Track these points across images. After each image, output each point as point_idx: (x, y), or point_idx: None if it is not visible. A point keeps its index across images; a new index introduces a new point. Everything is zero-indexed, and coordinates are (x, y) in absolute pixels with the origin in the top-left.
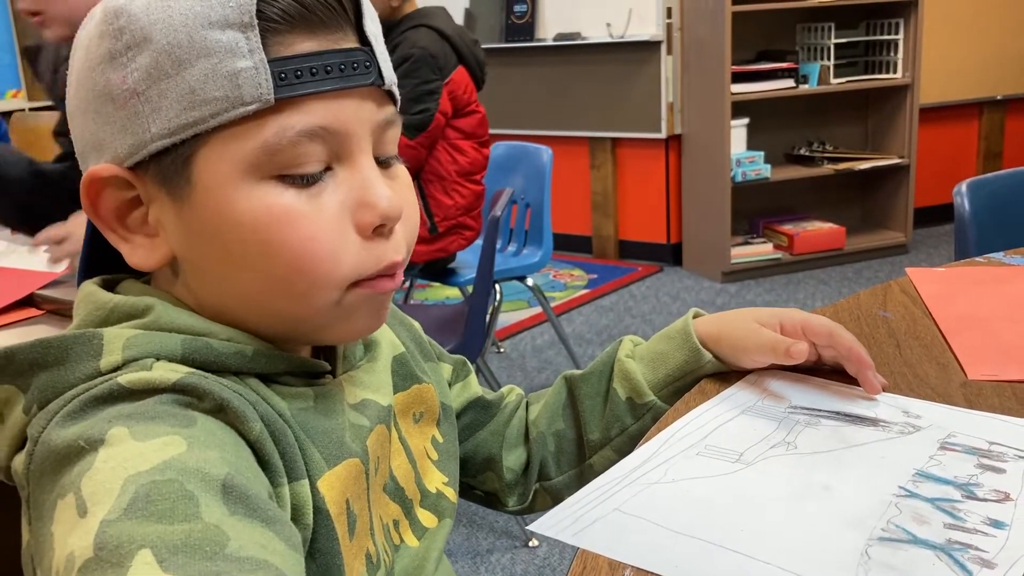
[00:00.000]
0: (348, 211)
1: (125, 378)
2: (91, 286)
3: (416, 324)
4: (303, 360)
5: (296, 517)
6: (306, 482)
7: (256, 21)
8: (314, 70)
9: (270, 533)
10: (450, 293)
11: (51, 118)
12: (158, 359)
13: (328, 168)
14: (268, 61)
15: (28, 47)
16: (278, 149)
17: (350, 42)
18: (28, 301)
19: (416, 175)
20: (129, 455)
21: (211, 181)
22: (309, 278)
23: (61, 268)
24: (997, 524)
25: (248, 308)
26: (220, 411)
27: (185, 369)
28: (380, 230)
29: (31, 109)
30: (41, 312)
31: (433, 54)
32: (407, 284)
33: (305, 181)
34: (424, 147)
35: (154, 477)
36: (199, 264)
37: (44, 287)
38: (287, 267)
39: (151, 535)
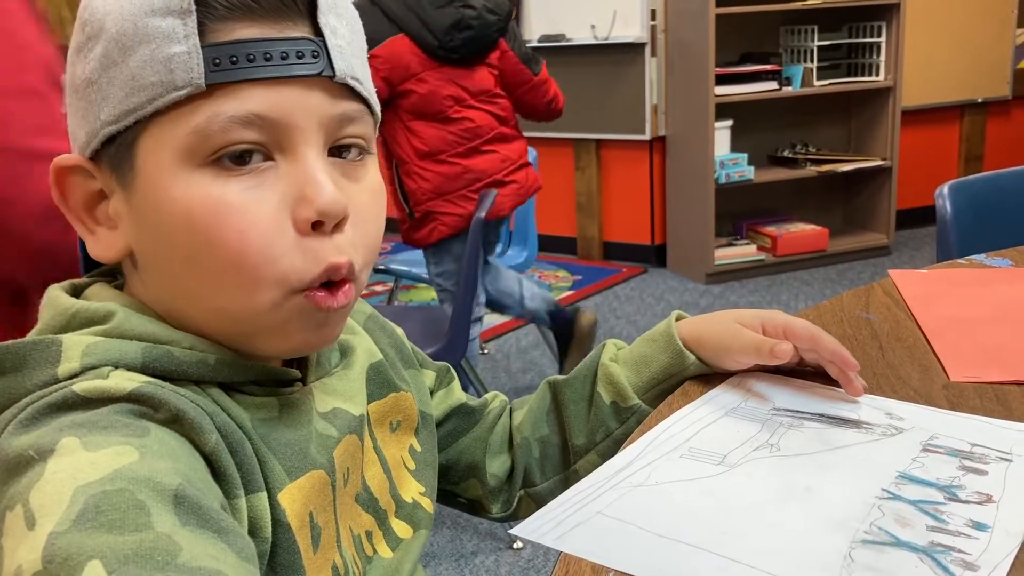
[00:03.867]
0: (287, 205)
1: (80, 386)
2: (56, 290)
3: (399, 330)
4: (269, 369)
5: (254, 530)
6: (264, 495)
7: (194, 7)
8: (251, 56)
9: (222, 545)
10: (435, 295)
11: None
12: (116, 367)
13: (270, 160)
14: (203, 46)
15: None
16: (208, 135)
17: (299, 31)
18: None
19: (391, 161)
20: (79, 465)
21: (151, 168)
22: (244, 273)
23: None
24: (980, 526)
25: (194, 305)
26: (175, 421)
27: (142, 378)
28: (320, 227)
29: None
30: None
31: None
32: (391, 285)
33: (239, 167)
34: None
35: (104, 487)
36: (147, 256)
37: None
38: (220, 260)
39: (101, 546)
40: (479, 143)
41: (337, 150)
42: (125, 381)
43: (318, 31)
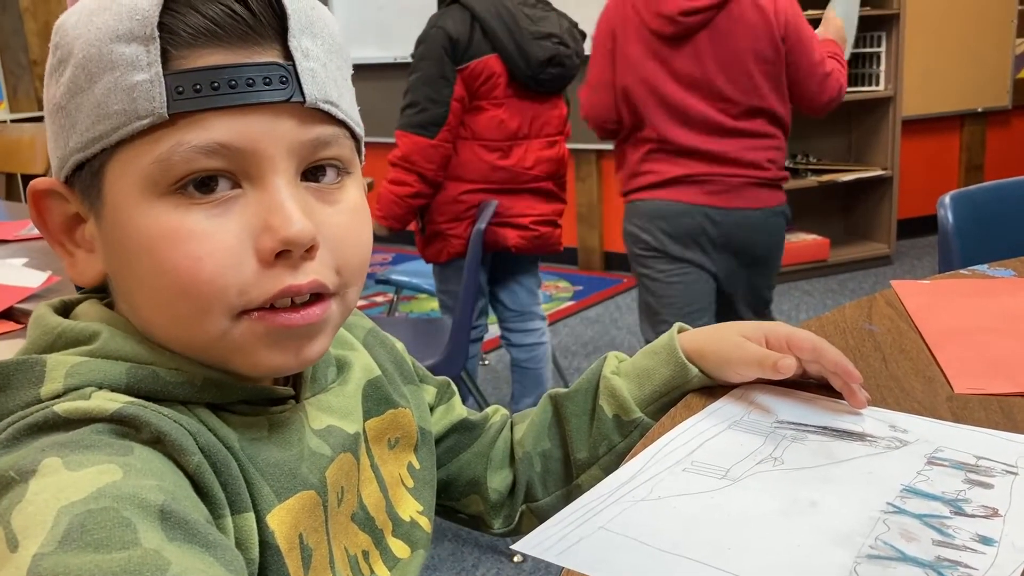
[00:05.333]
0: (250, 234)
1: (61, 407)
2: (43, 309)
3: (399, 345)
4: (258, 388)
5: (240, 551)
6: (251, 515)
7: (157, 34)
8: (215, 84)
9: (211, 558)
10: (435, 306)
11: (34, 130)
12: (100, 388)
13: (238, 187)
14: (166, 75)
15: None
16: (171, 165)
17: (269, 56)
18: (7, 315)
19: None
20: (62, 485)
21: (117, 196)
22: (192, 301)
23: (40, 281)
24: (986, 541)
25: (153, 331)
26: (157, 442)
27: (124, 398)
28: (285, 256)
29: (13, 121)
30: (20, 326)
31: (453, 36)
32: (392, 296)
33: (205, 196)
34: (449, 142)
35: (89, 506)
36: (116, 281)
37: (23, 301)
38: (172, 288)
39: (88, 565)
40: (518, 186)
41: (312, 172)
42: (107, 402)
43: (289, 55)
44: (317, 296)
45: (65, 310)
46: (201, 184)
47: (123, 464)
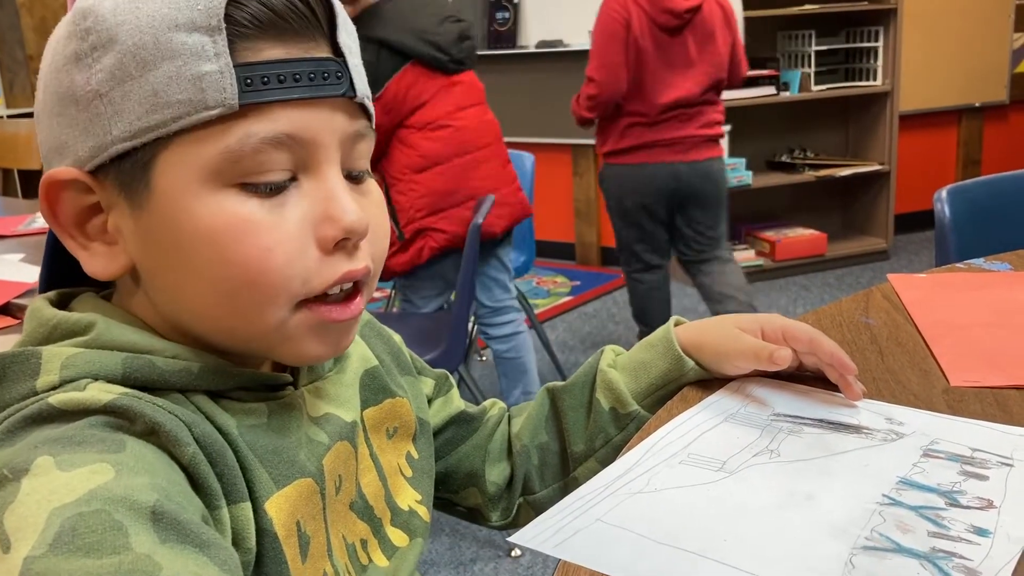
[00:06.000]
0: (310, 224)
1: (56, 398)
2: (39, 302)
3: (396, 336)
4: (258, 374)
5: (237, 541)
6: (248, 505)
7: (224, 25)
8: (282, 77)
9: (204, 558)
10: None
11: (30, 125)
12: (96, 379)
13: (293, 178)
14: (234, 66)
15: None
16: (240, 156)
17: (322, 52)
18: (4, 310)
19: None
20: (54, 486)
21: (170, 187)
22: (259, 291)
23: (37, 276)
24: (981, 532)
25: (201, 322)
26: (152, 434)
27: (119, 389)
28: (343, 244)
29: (9, 116)
30: (17, 321)
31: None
32: (389, 292)
33: (268, 190)
34: None
35: (80, 509)
36: (156, 273)
37: (20, 296)
38: (238, 279)
39: (79, 570)
40: (477, 154)
41: (348, 173)
42: (102, 393)
43: (338, 51)
44: (354, 287)
45: (62, 303)
46: (271, 186)
47: (115, 462)
